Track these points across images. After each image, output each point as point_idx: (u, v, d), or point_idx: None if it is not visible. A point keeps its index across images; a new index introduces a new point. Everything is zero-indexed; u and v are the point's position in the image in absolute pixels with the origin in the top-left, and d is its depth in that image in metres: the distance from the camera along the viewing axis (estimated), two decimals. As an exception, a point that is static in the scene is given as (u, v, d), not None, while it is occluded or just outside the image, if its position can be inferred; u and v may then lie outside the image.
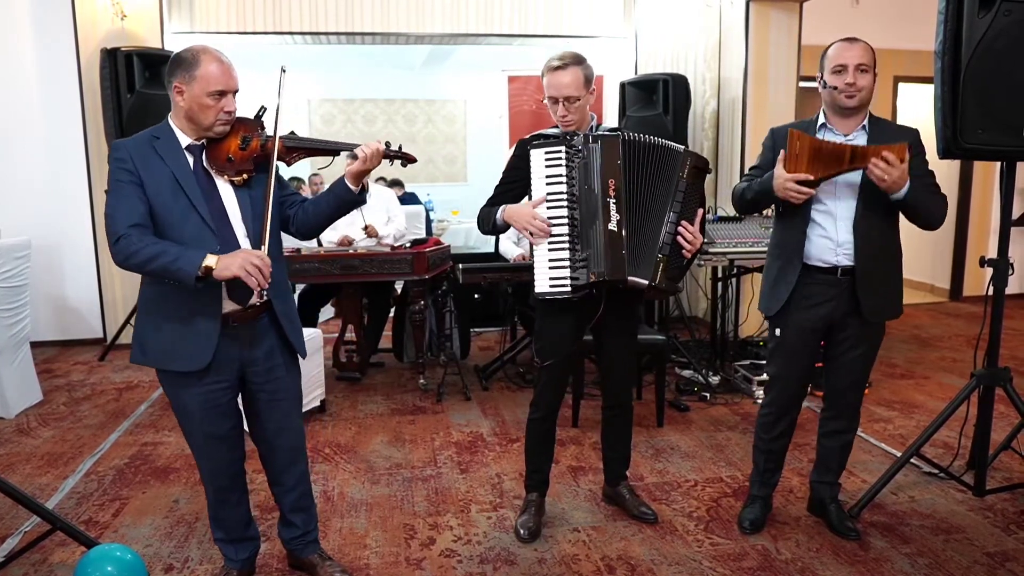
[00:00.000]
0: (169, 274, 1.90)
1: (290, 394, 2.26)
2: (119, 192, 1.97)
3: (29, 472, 3.23)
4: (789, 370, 2.60)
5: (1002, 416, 3.48)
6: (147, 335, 2.07)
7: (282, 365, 2.22)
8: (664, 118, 5.00)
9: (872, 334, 2.56)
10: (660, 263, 2.36)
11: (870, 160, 2.28)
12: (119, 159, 1.98)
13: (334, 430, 3.74)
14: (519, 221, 2.43)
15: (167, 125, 2.07)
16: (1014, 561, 2.46)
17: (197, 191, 2.02)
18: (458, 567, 2.46)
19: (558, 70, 2.42)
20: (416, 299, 4.36)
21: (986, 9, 2.33)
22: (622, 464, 2.85)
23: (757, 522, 2.68)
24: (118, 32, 5.04)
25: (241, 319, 2.09)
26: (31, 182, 5.31)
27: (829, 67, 2.40)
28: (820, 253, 2.47)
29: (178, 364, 2.04)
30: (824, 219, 2.46)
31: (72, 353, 5.31)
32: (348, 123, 9.88)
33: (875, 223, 2.42)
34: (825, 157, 2.33)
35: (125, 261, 1.93)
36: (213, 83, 1.98)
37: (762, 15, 5.27)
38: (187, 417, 2.13)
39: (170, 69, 2.01)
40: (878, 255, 2.45)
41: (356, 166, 2.13)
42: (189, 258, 1.89)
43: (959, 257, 7.03)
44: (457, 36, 5.69)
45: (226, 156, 2.07)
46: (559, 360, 2.58)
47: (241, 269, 1.88)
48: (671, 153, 2.40)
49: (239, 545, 2.32)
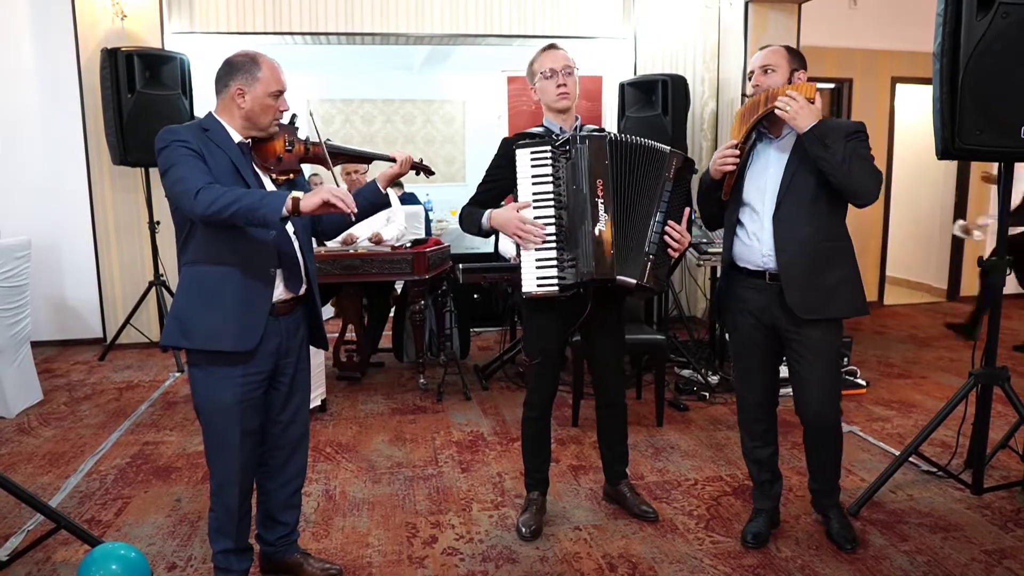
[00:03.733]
0: (254, 213, 1.89)
1: (307, 387, 2.35)
2: (186, 162, 1.97)
3: (31, 471, 3.24)
4: (745, 373, 2.59)
5: (1000, 415, 3.50)
6: (190, 316, 2.05)
7: (305, 359, 2.31)
8: (663, 119, 5.01)
9: (826, 336, 2.40)
10: (648, 262, 2.38)
11: (777, 99, 2.31)
12: (179, 140, 1.99)
13: (335, 430, 3.75)
14: (507, 227, 2.42)
15: (215, 119, 2.11)
16: (1011, 558, 2.48)
17: (254, 181, 2.10)
18: (460, 565, 2.48)
19: (551, 48, 2.54)
20: (416, 299, 4.37)
21: (984, 11, 2.35)
22: (620, 462, 2.86)
23: (760, 536, 2.58)
24: (118, 32, 5.05)
25: (285, 310, 2.16)
26: (31, 182, 5.31)
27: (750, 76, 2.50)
28: (747, 255, 2.47)
29: (225, 343, 2.03)
30: (750, 222, 2.46)
31: (72, 353, 5.31)
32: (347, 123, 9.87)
33: (798, 212, 2.35)
34: (746, 113, 2.41)
35: (208, 208, 1.89)
36: (274, 84, 2.08)
37: (761, 16, 5.29)
38: (223, 413, 2.09)
39: (227, 73, 2.08)
40: (802, 247, 2.34)
41: (391, 170, 2.30)
42: (275, 195, 1.91)
43: (956, 257, 7.05)
44: (457, 36, 5.70)
45: (276, 156, 2.17)
46: (548, 358, 2.60)
47: (329, 194, 1.89)
48: (658, 154, 2.42)
49: (243, 556, 2.27)
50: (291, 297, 2.17)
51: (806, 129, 2.27)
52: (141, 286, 5.23)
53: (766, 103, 2.34)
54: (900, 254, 7.41)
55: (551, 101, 2.52)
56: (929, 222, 7.29)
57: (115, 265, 5.33)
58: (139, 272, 5.32)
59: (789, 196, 2.37)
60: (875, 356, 5.12)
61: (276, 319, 2.14)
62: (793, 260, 2.36)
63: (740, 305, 2.52)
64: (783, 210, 2.37)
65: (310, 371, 2.38)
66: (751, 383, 2.59)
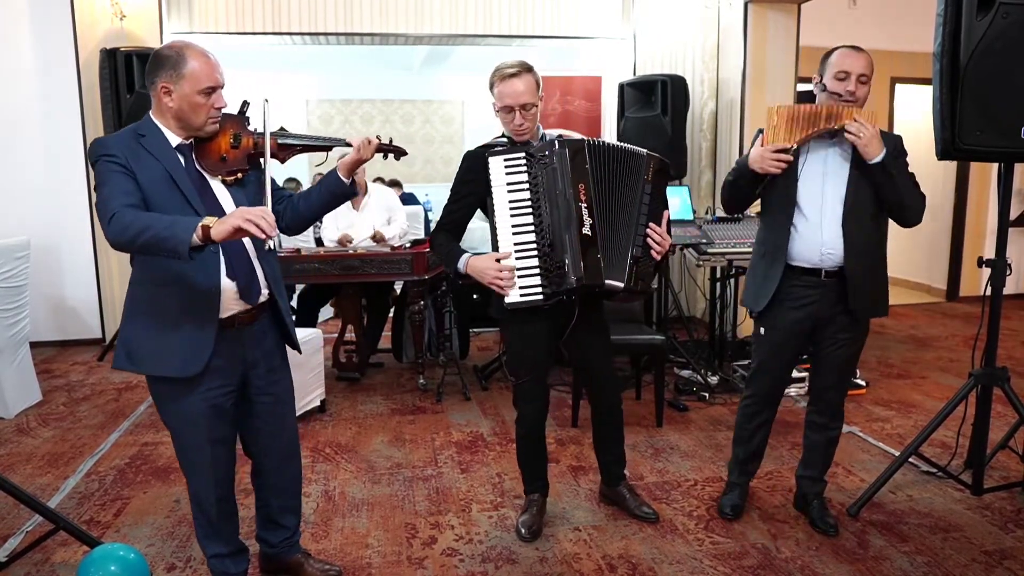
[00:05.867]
0: (163, 243, 1.72)
1: (288, 394, 2.26)
2: (110, 180, 1.85)
3: (30, 472, 3.23)
4: (772, 365, 2.66)
5: (999, 416, 3.50)
6: (135, 340, 1.98)
7: (281, 366, 2.21)
8: (663, 119, 5.01)
9: (859, 333, 2.59)
10: (633, 265, 2.38)
11: (844, 119, 2.34)
12: (107, 154, 1.87)
13: (334, 430, 3.74)
14: (483, 277, 2.37)
15: (151, 123, 1.97)
16: (1012, 559, 2.47)
17: (192, 189, 1.95)
18: (460, 566, 2.47)
19: (512, 78, 2.35)
20: (415, 299, 4.36)
21: (985, 11, 2.35)
22: (618, 464, 2.84)
23: (737, 508, 2.77)
24: (117, 32, 5.04)
25: (246, 320, 2.06)
26: (31, 182, 5.30)
27: (831, 72, 2.42)
28: (804, 254, 2.49)
29: (170, 369, 1.95)
30: (811, 219, 2.47)
31: (71, 353, 5.31)
32: (346, 123, 9.88)
33: (863, 223, 2.43)
34: (802, 120, 2.39)
35: (118, 237, 1.77)
36: (203, 80, 1.92)
37: (760, 16, 5.29)
38: (189, 425, 2.03)
39: (152, 68, 1.93)
40: (864, 254, 2.46)
41: (350, 156, 2.12)
42: (184, 224, 1.73)
43: (956, 257, 7.05)
44: (456, 37, 5.70)
45: (219, 155, 2.01)
46: (535, 374, 2.57)
47: (240, 219, 1.71)
48: (635, 157, 2.41)
49: (238, 558, 2.25)
50: (249, 308, 2.05)
51: (875, 160, 2.34)
52: (140, 286, 5.22)
53: (828, 120, 2.36)
54: (900, 254, 7.38)
55: (509, 133, 2.45)
56: (929, 222, 7.22)
57: (114, 265, 5.32)
58: (138, 272, 5.30)
59: (855, 205, 2.43)
60: (875, 356, 5.11)
61: (238, 330, 2.04)
62: (859, 264, 2.45)
63: (790, 301, 2.53)
64: (850, 217, 2.43)
65: (289, 376, 2.27)
66: (774, 374, 2.67)
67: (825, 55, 2.47)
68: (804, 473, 2.77)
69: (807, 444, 2.75)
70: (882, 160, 2.33)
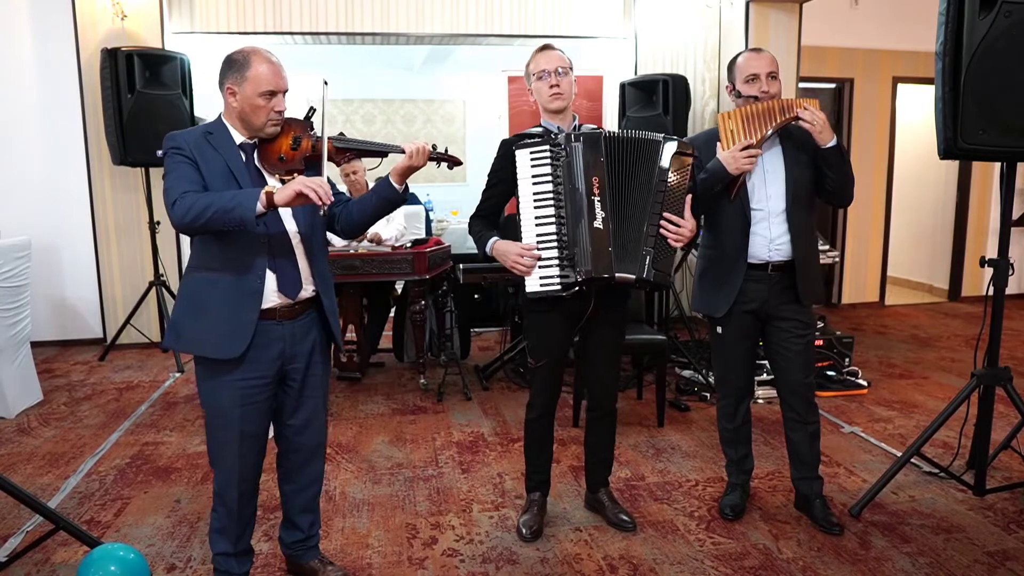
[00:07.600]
0: (229, 214, 1.87)
1: (323, 390, 2.28)
2: (176, 171, 1.98)
3: (30, 472, 3.23)
4: (735, 364, 2.74)
5: (1002, 416, 3.49)
6: (184, 323, 2.08)
7: (320, 362, 2.24)
8: (664, 118, 5.01)
9: (810, 321, 2.66)
10: (647, 256, 2.38)
11: (796, 109, 2.46)
12: (176, 147, 2.00)
13: (335, 430, 3.74)
14: (505, 259, 2.45)
15: (221, 122, 2.10)
16: (1014, 560, 2.47)
17: (249, 184, 2.04)
18: (460, 566, 2.47)
19: (547, 49, 2.52)
20: (416, 299, 4.36)
21: (987, 10, 2.34)
22: (604, 469, 2.81)
23: (738, 508, 2.78)
24: (118, 32, 5.04)
25: (288, 315, 2.11)
26: (31, 182, 5.31)
27: (741, 77, 2.57)
28: (754, 250, 2.59)
29: (210, 349, 2.04)
30: (759, 219, 2.57)
31: (72, 353, 5.31)
32: (347, 123, 9.87)
33: (802, 214, 2.56)
34: (756, 119, 2.49)
35: (183, 218, 1.90)
36: (264, 83, 2.02)
37: (762, 16, 5.28)
38: (221, 415, 2.09)
39: (222, 71, 2.06)
40: (806, 243, 2.58)
41: (401, 163, 2.16)
42: (247, 193, 1.89)
43: (958, 257, 7.04)
44: (457, 36, 5.69)
45: (277, 155, 2.12)
46: (553, 359, 2.59)
47: (302, 185, 1.86)
48: (649, 144, 2.42)
49: (242, 559, 2.26)
50: (292, 302, 2.12)
51: (830, 144, 2.46)
52: (141, 286, 5.23)
53: (783, 112, 2.48)
54: (901, 254, 7.40)
55: (545, 102, 2.51)
56: (931, 222, 7.27)
57: (115, 265, 5.33)
58: (139, 272, 5.31)
59: (796, 194, 2.55)
60: (876, 356, 5.11)
61: (279, 324, 2.10)
62: (803, 253, 2.56)
63: (743, 298, 2.62)
64: (793, 207, 2.55)
65: (328, 376, 2.33)
66: (738, 371, 2.76)
67: (730, 63, 2.64)
68: (798, 475, 2.76)
69: (791, 446, 2.75)
70: (836, 144, 2.46)
